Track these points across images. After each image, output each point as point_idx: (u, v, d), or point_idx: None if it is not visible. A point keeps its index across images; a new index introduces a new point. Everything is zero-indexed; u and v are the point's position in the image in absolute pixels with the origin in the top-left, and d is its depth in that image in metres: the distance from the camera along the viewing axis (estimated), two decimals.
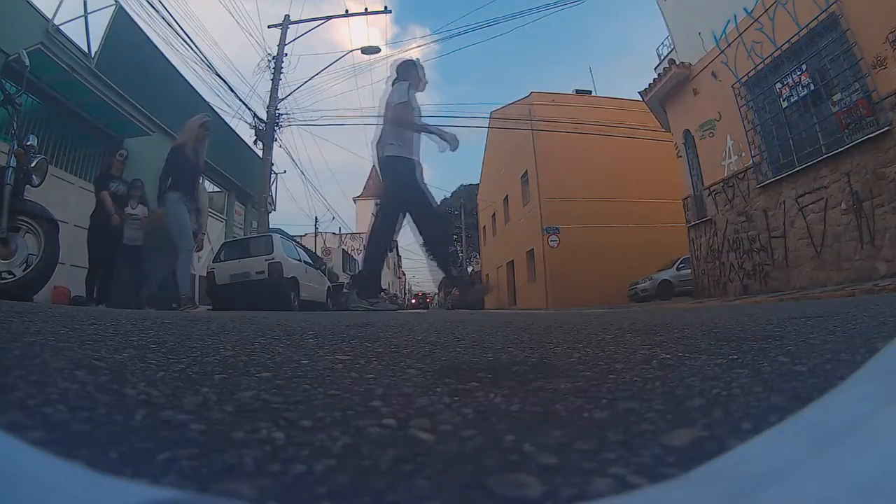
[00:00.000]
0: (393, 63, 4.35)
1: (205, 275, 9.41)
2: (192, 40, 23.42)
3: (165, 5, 18.81)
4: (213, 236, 12.68)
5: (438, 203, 4.93)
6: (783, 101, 8.02)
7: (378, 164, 4.14)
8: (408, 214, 4.04)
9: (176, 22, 19.99)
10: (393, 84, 4.08)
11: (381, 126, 4.09)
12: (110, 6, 8.34)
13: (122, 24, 8.60)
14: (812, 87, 7.42)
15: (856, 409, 0.37)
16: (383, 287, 4.30)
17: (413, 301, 38.92)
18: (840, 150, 6.78)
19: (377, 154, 4.09)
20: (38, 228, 3.30)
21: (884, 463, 0.29)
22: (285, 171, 52.90)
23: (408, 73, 4.14)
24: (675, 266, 13.83)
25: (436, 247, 4.04)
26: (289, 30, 13.13)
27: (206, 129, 5.12)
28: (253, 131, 12.38)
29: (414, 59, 4.32)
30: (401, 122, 3.91)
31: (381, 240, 4.17)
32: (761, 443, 0.38)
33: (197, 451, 0.46)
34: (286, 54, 12.98)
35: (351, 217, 52.74)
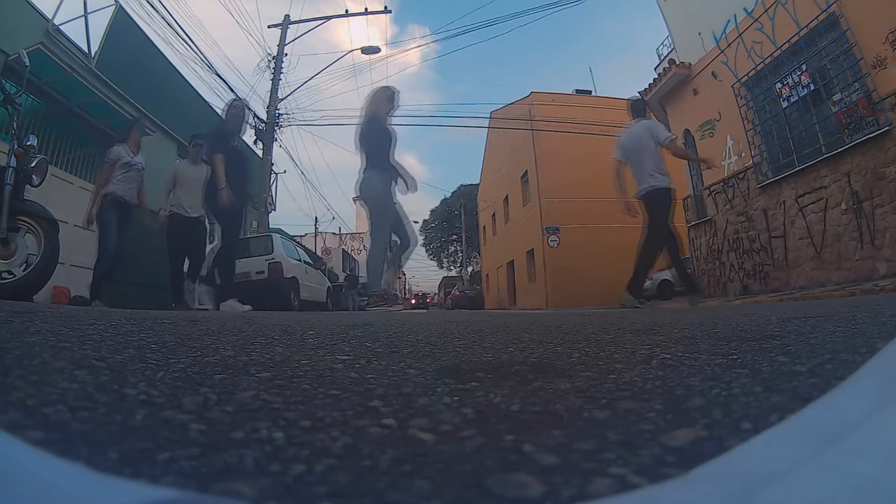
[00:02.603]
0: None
1: (205, 275, 9.40)
2: (192, 40, 23.43)
3: (165, 5, 18.81)
4: (213, 236, 12.67)
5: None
6: (783, 101, 8.02)
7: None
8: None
9: (176, 22, 20.00)
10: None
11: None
12: (110, 6, 8.35)
13: (122, 24, 8.60)
14: (812, 87, 7.42)
15: (856, 409, 0.37)
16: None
17: (413, 301, 38.91)
18: (840, 150, 6.78)
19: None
20: (38, 228, 3.30)
21: (884, 463, 0.29)
22: (285, 171, 53.01)
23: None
24: None
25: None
26: (289, 30, 13.13)
27: (394, 101, 4.46)
28: (253, 131, 12.38)
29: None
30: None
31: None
32: (761, 443, 0.38)
33: (197, 451, 0.46)
34: (286, 54, 12.98)
35: (351, 217, 52.78)
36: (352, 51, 17.81)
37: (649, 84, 11.64)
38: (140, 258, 8.74)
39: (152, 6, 9.12)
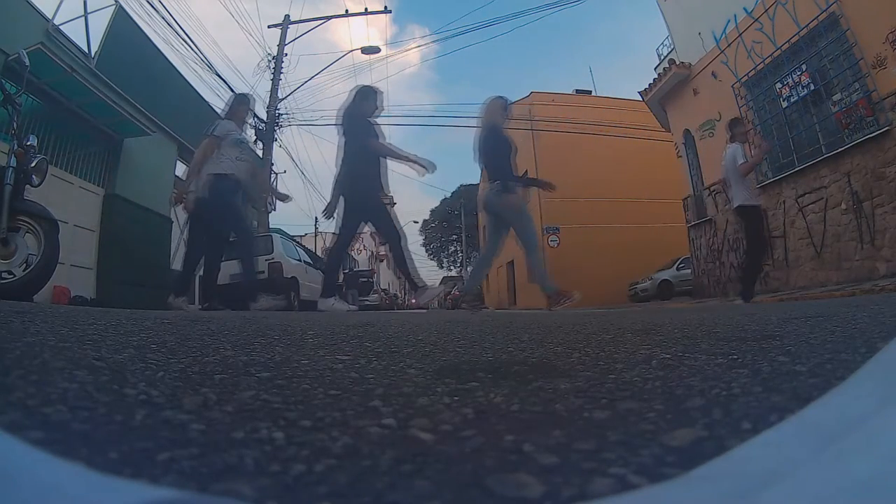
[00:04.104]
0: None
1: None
2: (192, 40, 23.43)
3: (165, 5, 18.82)
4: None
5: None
6: (783, 101, 8.02)
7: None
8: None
9: (176, 22, 20.00)
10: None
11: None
12: (110, 6, 8.35)
13: (122, 24, 8.61)
14: (812, 87, 7.42)
15: (856, 409, 0.37)
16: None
17: (413, 301, 38.89)
18: (840, 150, 6.78)
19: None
20: (38, 228, 3.30)
21: (884, 463, 0.29)
22: (285, 171, 53.01)
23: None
24: (675, 266, 13.84)
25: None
26: (289, 30, 13.14)
27: (508, 110, 4.52)
28: (253, 131, 12.39)
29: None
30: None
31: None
32: (761, 443, 0.38)
33: (197, 451, 0.46)
34: (286, 54, 12.99)
35: None
36: (352, 51, 17.85)
37: (649, 84, 11.64)
38: (141, 258, 8.75)
39: (152, 6, 9.13)
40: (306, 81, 28.28)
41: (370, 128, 4.24)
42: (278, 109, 12.77)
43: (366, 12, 13.59)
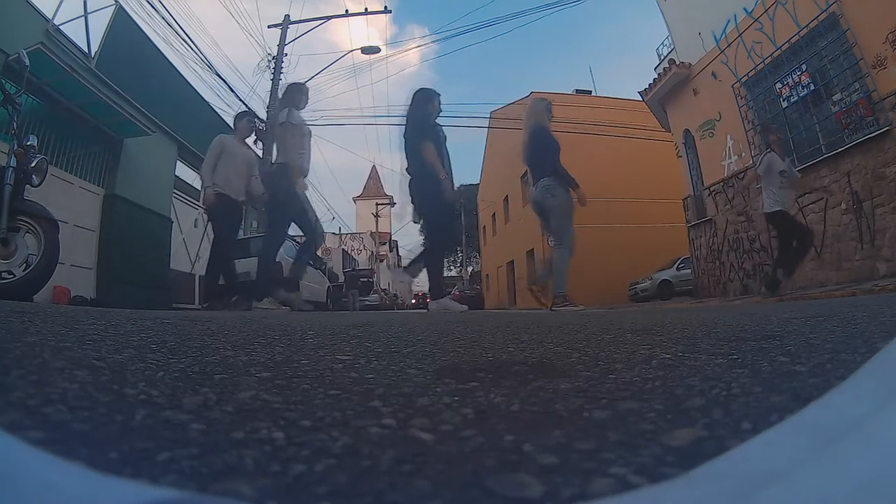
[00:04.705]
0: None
1: (204, 274, 9.40)
2: (192, 40, 23.42)
3: (165, 5, 18.81)
4: (213, 236, 12.67)
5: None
6: (783, 101, 8.02)
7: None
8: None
9: (176, 22, 20.00)
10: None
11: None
12: (110, 6, 8.35)
13: (122, 24, 8.61)
14: (812, 87, 7.42)
15: (856, 409, 0.37)
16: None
17: (413, 301, 38.93)
18: (840, 150, 6.78)
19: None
20: (38, 228, 3.30)
21: (884, 463, 0.29)
22: None
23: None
24: (675, 266, 13.84)
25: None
26: (289, 30, 13.14)
27: (550, 111, 4.66)
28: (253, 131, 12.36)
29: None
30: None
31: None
32: (761, 443, 0.38)
33: (197, 451, 0.46)
34: (286, 54, 12.99)
35: (351, 217, 52.82)
36: (352, 51, 17.84)
37: (649, 84, 11.64)
38: (141, 258, 8.75)
39: (152, 6, 9.13)
40: (306, 81, 28.21)
41: (429, 130, 4.28)
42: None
43: (366, 12, 13.60)
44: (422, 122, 4.30)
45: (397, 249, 48.26)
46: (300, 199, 4.54)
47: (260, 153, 12.63)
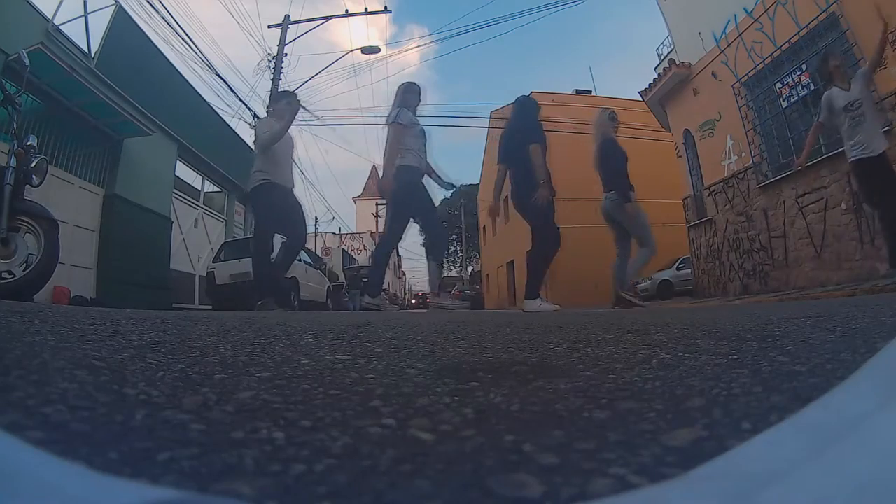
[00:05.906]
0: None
1: (205, 275, 9.41)
2: (192, 40, 23.41)
3: (165, 5, 18.78)
4: (213, 236, 12.69)
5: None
6: (783, 101, 8.02)
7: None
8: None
9: (176, 22, 20.00)
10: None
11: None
12: (110, 6, 8.35)
13: (122, 24, 8.61)
14: (812, 87, 7.42)
15: (856, 409, 0.37)
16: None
17: (413, 301, 38.92)
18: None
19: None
20: (38, 228, 3.30)
21: (884, 463, 0.29)
22: None
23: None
24: (675, 266, 13.83)
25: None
26: (289, 30, 13.14)
27: (616, 120, 4.77)
28: (253, 131, 12.38)
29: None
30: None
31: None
32: (761, 443, 0.38)
33: (197, 451, 0.46)
34: (286, 54, 12.99)
35: (351, 217, 52.87)
36: (352, 51, 17.82)
37: (649, 84, 11.64)
38: (141, 258, 8.75)
39: (152, 6, 9.13)
40: (306, 81, 28.30)
41: (533, 132, 4.42)
42: None
43: (366, 12, 13.61)
44: (529, 126, 4.48)
45: (397, 249, 48.21)
46: (429, 198, 4.63)
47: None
